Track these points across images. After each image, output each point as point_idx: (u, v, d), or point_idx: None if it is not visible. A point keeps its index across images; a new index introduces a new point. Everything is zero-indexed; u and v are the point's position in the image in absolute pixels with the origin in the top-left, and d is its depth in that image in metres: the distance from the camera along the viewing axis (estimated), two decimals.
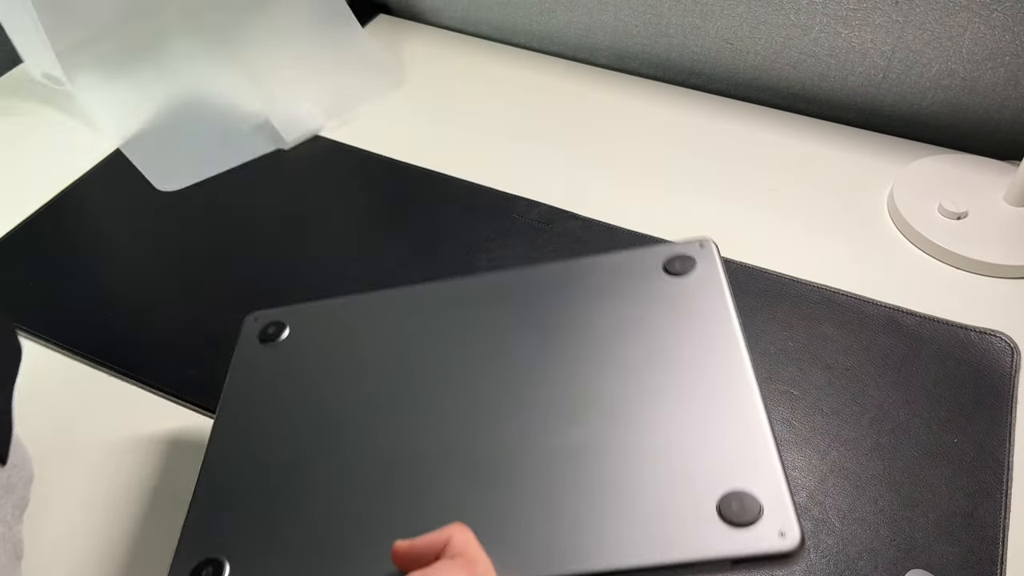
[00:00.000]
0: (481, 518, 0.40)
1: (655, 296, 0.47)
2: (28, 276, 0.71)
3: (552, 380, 0.45)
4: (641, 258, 0.50)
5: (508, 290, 0.50)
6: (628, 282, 0.49)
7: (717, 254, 0.49)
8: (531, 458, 0.42)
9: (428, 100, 0.90)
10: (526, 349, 0.47)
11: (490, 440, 0.43)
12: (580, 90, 0.91)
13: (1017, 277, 0.70)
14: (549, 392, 0.44)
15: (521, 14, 0.97)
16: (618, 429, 0.42)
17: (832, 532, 0.54)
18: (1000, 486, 0.56)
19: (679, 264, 0.49)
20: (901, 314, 0.66)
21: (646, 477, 0.40)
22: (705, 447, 0.41)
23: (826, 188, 0.79)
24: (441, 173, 0.80)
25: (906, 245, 0.73)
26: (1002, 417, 0.59)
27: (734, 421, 0.42)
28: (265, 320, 0.53)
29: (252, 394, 0.50)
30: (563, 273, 0.50)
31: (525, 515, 0.40)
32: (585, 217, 0.75)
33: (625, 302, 0.48)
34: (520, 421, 0.44)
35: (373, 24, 1.01)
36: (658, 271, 0.49)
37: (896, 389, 0.61)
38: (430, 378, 0.47)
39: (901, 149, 0.82)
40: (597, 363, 0.45)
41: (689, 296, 0.47)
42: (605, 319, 0.47)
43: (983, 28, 0.76)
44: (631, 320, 0.47)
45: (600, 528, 0.39)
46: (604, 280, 0.49)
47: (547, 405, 0.44)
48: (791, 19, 0.83)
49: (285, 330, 0.52)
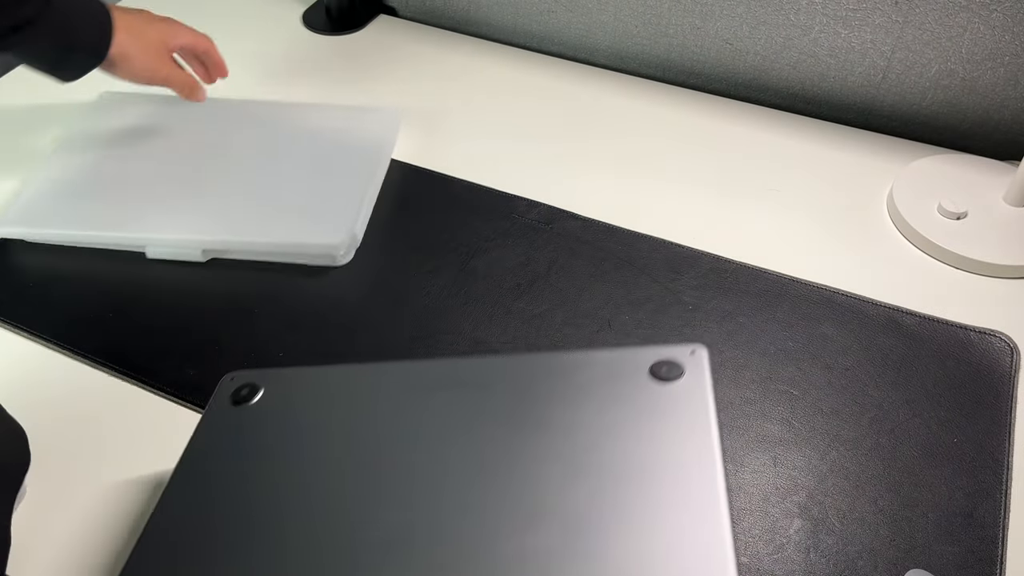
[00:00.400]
0: None
1: (637, 401, 0.46)
2: (28, 276, 0.71)
3: (518, 479, 0.44)
4: (629, 359, 0.48)
5: (489, 378, 0.49)
6: (612, 383, 0.47)
7: (707, 363, 0.47)
8: (482, 561, 0.41)
9: (428, 100, 0.90)
10: (498, 443, 0.45)
11: (442, 536, 0.42)
12: (580, 90, 0.91)
13: (1017, 277, 0.70)
14: (513, 491, 0.43)
15: (521, 14, 0.97)
16: (575, 541, 0.41)
17: (832, 532, 0.54)
18: (1000, 486, 0.56)
19: (666, 369, 0.47)
20: (901, 314, 0.67)
21: None
22: (663, 571, 0.39)
23: (826, 188, 0.79)
24: (441, 173, 0.80)
25: (906, 245, 0.73)
26: (1002, 417, 0.60)
27: (697, 546, 0.40)
28: (241, 381, 0.53)
29: (213, 456, 0.49)
30: (547, 366, 0.49)
31: None
32: (585, 217, 0.75)
33: (606, 404, 0.46)
34: (476, 520, 0.42)
35: (373, 24, 1.01)
36: (644, 374, 0.47)
37: (896, 389, 0.62)
38: (395, 462, 0.46)
39: (901, 149, 0.82)
40: (567, 465, 0.44)
41: (672, 405, 0.46)
42: (583, 420, 0.46)
43: (983, 28, 0.76)
44: (609, 424, 0.45)
45: None
46: (588, 378, 0.48)
47: (508, 505, 0.43)
48: (791, 19, 0.84)
49: (259, 393, 0.52)
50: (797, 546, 0.53)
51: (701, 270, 0.70)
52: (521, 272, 0.71)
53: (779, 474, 0.57)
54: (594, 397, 0.47)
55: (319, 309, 0.68)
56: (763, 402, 0.61)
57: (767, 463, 0.57)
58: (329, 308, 0.68)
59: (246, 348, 0.65)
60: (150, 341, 0.66)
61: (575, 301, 0.68)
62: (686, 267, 0.70)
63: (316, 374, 0.52)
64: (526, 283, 0.70)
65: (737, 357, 0.64)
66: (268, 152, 0.81)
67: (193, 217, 0.73)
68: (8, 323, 0.68)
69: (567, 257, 0.72)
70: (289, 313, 0.68)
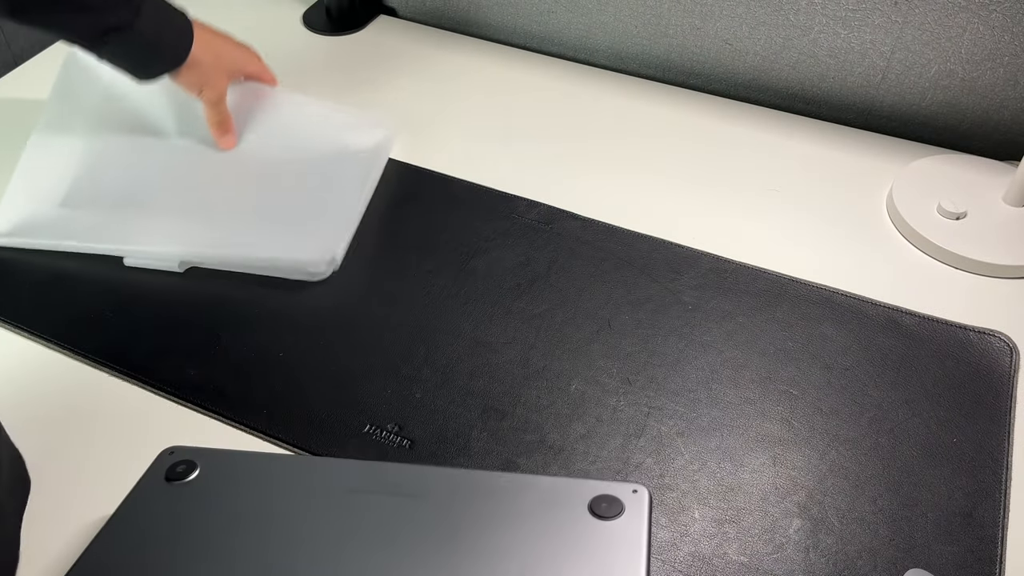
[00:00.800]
0: None
1: (571, 534, 0.45)
2: (28, 276, 0.71)
3: None
4: (571, 490, 0.47)
5: (427, 488, 0.48)
6: (549, 512, 0.47)
7: (647, 507, 0.47)
8: None
9: (428, 100, 0.90)
10: (421, 556, 0.45)
11: None
12: (580, 90, 0.91)
13: (1016, 277, 0.70)
14: None
15: (521, 14, 0.97)
16: None
17: (831, 531, 0.54)
18: (999, 486, 0.56)
19: (605, 507, 0.46)
20: (900, 314, 0.67)
21: None
22: None
23: (825, 188, 0.79)
24: (441, 173, 0.80)
25: (905, 245, 0.73)
26: (1001, 417, 0.60)
27: None
28: (179, 456, 0.52)
29: (135, 532, 0.48)
30: (488, 485, 0.48)
31: None
32: (585, 217, 0.75)
33: (538, 532, 0.46)
34: None
35: (373, 24, 1.01)
36: (583, 508, 0.46)
37: (895, 389, 0.62)
38: (314, 559, 0.45)
39: (900, 149, 0.82)
40: None
41: (606, 544, 0.45)
42: (512, 544, 0.45)
43: (982, 29, 0.76)
44: (539, 553, 0.45)
45: None
46: (527, 503, 0.47)
47: None
48: (790, 20, 0.84)
49: (195, 471, 0.51)
50: (796, 546, 0.53)
51: (701, 270, 0.70)
52: (521, 272, 0.71)
53: (778, 474, 0.57)
54: (528, 523, 0.46)
55: (318, 309, 0.68)
56: (762, 402, 0.61)
57: (766, 463, 0.58)
58: (328, 308, 0.68)
59: (247, 348, 0.65)
60: (150, 341, 0.66)
61: (575, 301, 0.68)
62: (686, 267, 0.71)
63: (257, 459, 0.51)
64: (526, 283, 0.70)
65: (737, 357, 0.64)
66: (256, 159, 0.80)
67: (172, 227, 0.73)
68: (7, 323, 0.68)
69: (567, 257, 0.72)
70: (290, 313, 0.68)
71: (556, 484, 0.48)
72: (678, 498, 0.56)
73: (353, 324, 0.67)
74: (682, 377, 0.63)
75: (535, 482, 0.48)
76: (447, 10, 1.01)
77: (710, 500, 0.55)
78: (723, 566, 0.52)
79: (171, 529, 0.48)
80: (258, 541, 0.46)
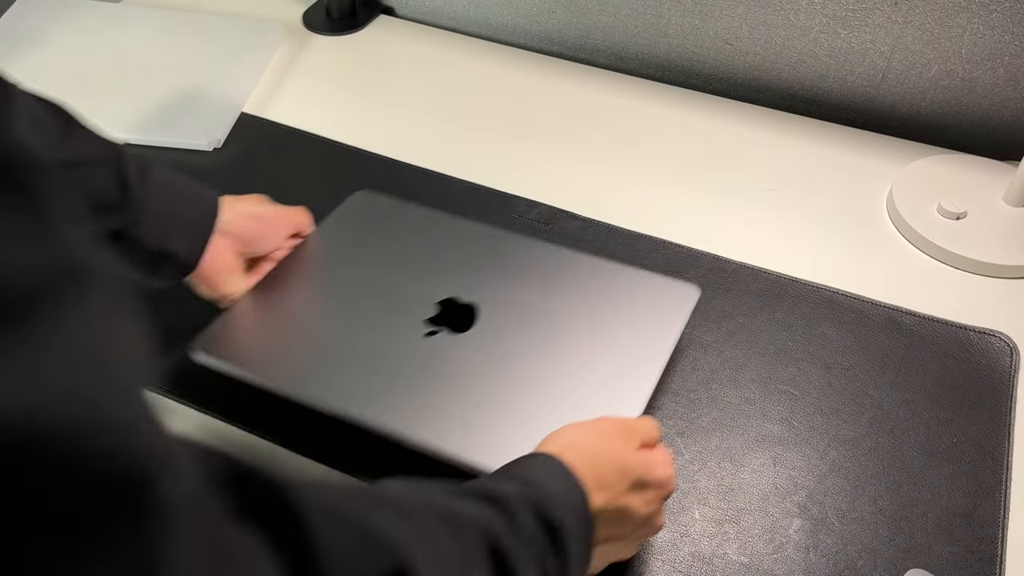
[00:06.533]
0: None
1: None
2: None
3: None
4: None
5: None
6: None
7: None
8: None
9: (428, 100, 0.90)
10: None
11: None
12: (580, 90, 0.91)
13: (1016, 277, 0.70)
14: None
15: (521, 14, 0.97)
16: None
17: (831, 532, 0.54)
18: (999, 486, 0.56)
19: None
20: (900, 314, 0.67)
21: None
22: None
23: (825, 188, 0.79)
24: (441, 173, 0.80)
25: (905, 245, 0.73)
26: (1001, 417, 0.60)
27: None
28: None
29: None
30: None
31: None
32: (585, 217, 0.75)
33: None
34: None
35: (373, 24, 1.01)
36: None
37: (895, 389, 0.62)
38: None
39: (900, 149, 0.82)
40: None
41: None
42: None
43: (982, 28, 0.76)
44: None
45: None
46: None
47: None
48: (790, 20, 0.84)
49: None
50: (797, 546, 0.53)
51: (701, 270, 0.70)
52: None
53: (779, 474, 0.57)
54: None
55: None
56: (763, 402, 0.61)
57: (767, 463, 0.57)
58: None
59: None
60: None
61: None
62: (686, 267, 0.70)
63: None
64: None
65: (737, 357, 0.64)
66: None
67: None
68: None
69: None
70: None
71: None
72: (678, 498, 0.55)
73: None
74: (682, 377, 0.62)
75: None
76: (447, 10, 1.01)
77: (710, 500, 0.55)
78: (723, 566, 0.52)
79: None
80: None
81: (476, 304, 0.60)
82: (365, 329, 0.59)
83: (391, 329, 0.59)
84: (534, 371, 0.56)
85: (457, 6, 1.00)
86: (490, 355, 0.57)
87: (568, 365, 0.56)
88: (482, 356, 0.57)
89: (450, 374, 0.56)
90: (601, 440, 0.47)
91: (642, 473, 0.46)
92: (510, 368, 0.56)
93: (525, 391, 0.55)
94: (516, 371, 0.56)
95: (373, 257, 0.65)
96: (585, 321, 0.59)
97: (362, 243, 0.67)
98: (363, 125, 0.86)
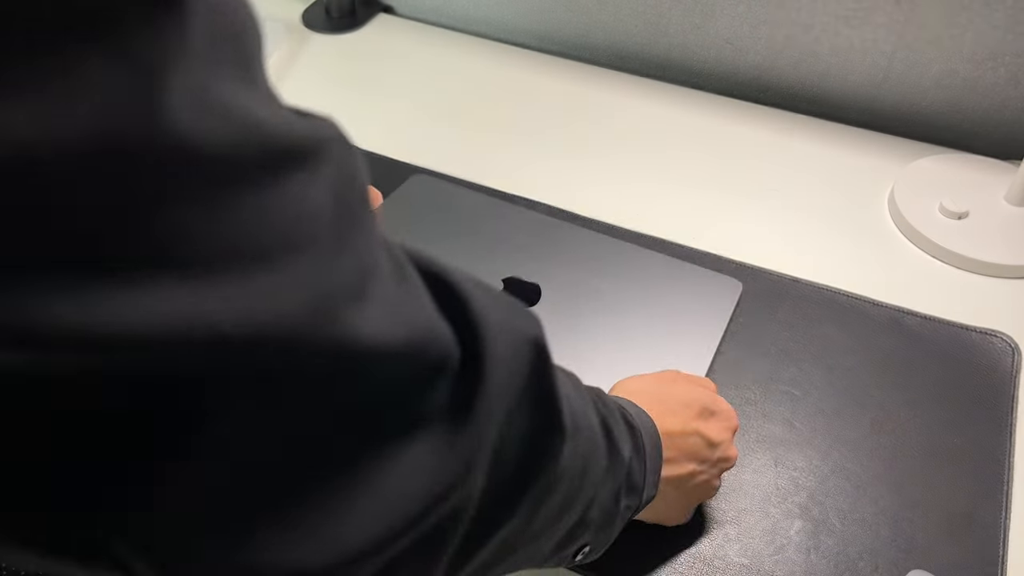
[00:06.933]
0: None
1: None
2: None
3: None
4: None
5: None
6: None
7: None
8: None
9: (428, 100, 0.90)
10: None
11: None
12: (580, 90, 0.91)
13: (1018, 277, 0.70)
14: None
15: (521, 13, 0.97)
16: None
17: (833, 532, 0.54)
18: (1001, 486, 0.56)
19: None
20: (902, 314, 0.66)
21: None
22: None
23: (827, 188, 0.79)
24: (441, 173, 0.80)
25: (907, 245, 0.73)
26: (1003, 417, 0.59)
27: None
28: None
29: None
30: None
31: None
32: (585, 217, 0.75)
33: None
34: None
35: (372, 23, 1.01)
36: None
37: (897, 389, 0.61)
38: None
39: (902, 149, 0.82)
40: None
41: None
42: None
43: (985, 28, 0.76)
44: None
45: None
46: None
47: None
48: (792, 18, 0.83)
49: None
50: (798, 547, 0.53)
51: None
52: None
53: (780, 475, 0.57)
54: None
55: None
56: (764, 402, 0.61)
57: (768, 463, 0.57)
58: None
59: None
60: None
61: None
62: None
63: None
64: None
65: (738, 357, 0.64)
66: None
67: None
68: None
69: None
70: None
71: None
72: None
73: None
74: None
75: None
76: (447, 9, 1.01)
77: (711, 501, 0.55)
78: (724, 567, 0.52)
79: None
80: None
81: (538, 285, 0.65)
82: None
83: None
84: (590, 352, 0.60)
85: (457, 5, 0.99)
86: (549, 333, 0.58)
87: (622, 351, 0.61)
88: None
89: None
90: (665, 383, 0.50)
91: (708, 402, 0.49)
92: (565, 345, 0.57)
93: (579, 370, 0.54)
94: (572, 349, 0.60)
95: (433, 236, 0.69)
96: (639, 308, 0.64)
97: (421, 223, 0.71)
98: (362, 124, 0.86)
